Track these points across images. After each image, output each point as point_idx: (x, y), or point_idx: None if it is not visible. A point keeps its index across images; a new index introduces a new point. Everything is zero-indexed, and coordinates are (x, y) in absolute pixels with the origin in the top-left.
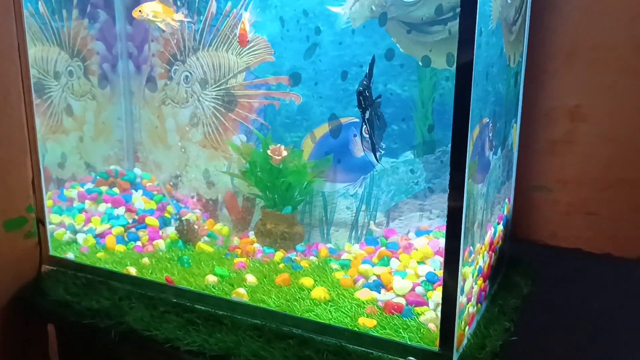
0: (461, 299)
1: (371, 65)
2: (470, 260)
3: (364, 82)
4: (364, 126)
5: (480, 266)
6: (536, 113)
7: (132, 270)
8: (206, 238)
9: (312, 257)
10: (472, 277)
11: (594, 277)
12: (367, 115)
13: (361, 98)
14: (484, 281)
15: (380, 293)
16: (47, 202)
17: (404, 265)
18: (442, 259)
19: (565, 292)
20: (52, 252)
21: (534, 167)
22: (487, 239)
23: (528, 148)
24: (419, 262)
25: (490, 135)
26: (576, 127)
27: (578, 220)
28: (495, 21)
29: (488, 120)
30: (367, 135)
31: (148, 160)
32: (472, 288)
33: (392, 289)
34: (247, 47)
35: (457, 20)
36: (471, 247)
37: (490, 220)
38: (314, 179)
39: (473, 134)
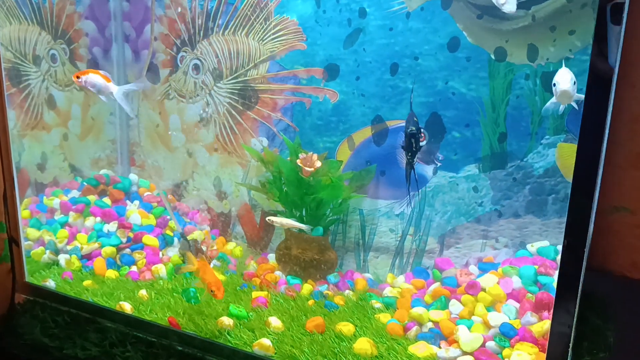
0: None
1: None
2: None
3: (416, 119)
4: (410, 169)
5: None
6: (621, 119)
7: (127, 307)
8: (216, 262)
9: (347, 292)
10: None
11: None
12: (414, 160)
13: (413, 140)
14: None
15: (440, 348)
16: (23, 213)
17: (469, 311)
18: (517, 305)
19: None
20: (28, 279)
21: (614, 184)
22: None
23: (607, 162)
24: (487, 308)
25: None
26: None
27: None
28: None
29: None
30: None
31: (146, 165)
32: None
33: (455, 342)
34: (273, 31)
35: (544, 4)
36: None
37: None
38: (352, 195)
39: None
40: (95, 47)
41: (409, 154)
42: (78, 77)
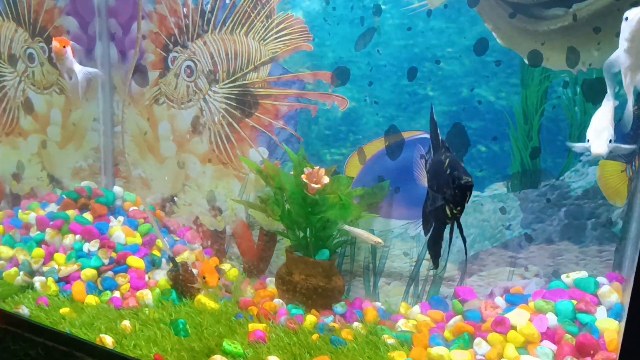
0: None
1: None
2: None
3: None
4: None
5: None
6: None
7: (108, 340)
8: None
9: (355, 324)
10: None
11: None
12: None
13: (468, 194)
14: None
15: None
16: None
17: (498, 353)
18: (554, 347)
19: None
20: None
21: None
22: None
23: None
24: (518, 349)
25: None
26: None
27: None
28: None
29: None
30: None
31: (132, 176)
32: None
33: None
34: (276, 30)
35: (588, 1)
36: None
37: None
38: (363, 215)
39: None
40: (77, 45)
41: (458, 208)
42: (64, 47)
